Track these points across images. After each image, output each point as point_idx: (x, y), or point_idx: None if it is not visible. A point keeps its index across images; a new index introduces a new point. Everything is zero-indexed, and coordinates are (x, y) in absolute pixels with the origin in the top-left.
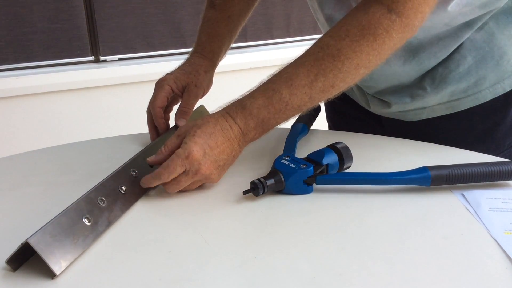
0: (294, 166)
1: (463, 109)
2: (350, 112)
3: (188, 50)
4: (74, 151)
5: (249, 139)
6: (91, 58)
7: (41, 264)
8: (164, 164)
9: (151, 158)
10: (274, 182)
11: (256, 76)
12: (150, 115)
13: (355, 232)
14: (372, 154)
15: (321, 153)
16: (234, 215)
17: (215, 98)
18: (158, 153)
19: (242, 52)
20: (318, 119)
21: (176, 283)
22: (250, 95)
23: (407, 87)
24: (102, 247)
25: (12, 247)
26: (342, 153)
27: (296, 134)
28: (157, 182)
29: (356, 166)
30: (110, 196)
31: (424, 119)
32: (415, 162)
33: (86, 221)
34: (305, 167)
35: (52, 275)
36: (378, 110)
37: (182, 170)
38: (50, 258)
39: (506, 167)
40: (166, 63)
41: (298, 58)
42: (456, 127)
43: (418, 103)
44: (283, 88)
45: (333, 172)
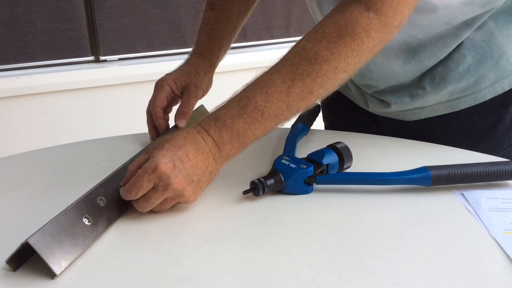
0: (294, 166)
1: (462, 108)
2: (347, 112)
3: (188, 50)
4: (74, 151)
5: (225, 154)
6: (91, 58)
7: (41, 264)
8: (131, 180)
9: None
10: (274, 182)
11: None
12: (150, 115)
13: (355, 232)
14: (372, 154)
15: (321, 153)
16: (234, 215)
17: (215, 98)
18: (127, 171)
19: (242, 52)
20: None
21: (176, 283)
22: (223, 106)
23: (407, 86)
24: (102, 247)
25: (12, 247)
26: (342, 153)
27: (296, 134)
28: (127, 199)
29: (356, 166)
30: (110, 196)
31: (422, 119)
32: (415, 162)
33: (86, 221)
34: (305, 167)
35: (52, 275)
36: (377, 110)
37: (151, 186)
38: (50, 258)
39: (506, 167)
40: (166, 63)
41: (274, 65)
42: (455, 126)
43: (418, 103)
44: (258, 95)
45: (333, 172)
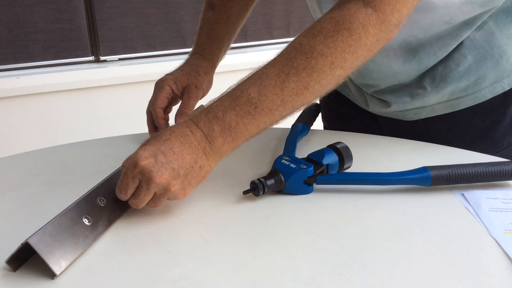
0: (294, 166)
1: (462, 108)
2: (346, 112)
3: (188, 50)
4: (74, 151)
5: (217, 149)
6: (91, 58)
7: (41, 264)
8: (119, 180)
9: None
10: (274, 182)
11: None
12: (150, 115)
13: (355, 232)
14: (372, 154)
15: (321, 153)
16: (234, 215)
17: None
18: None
19: (242, 52)
20: None
21: (176, 283)
22: (216, 99)
23: (407, 86)
24: (102, 247)
25: (12, 247)
26: (342, 153)
27: (296, 134)
28: (121, 199)
29: (356, 166)
30: (110, 196)
31: (422, 119)
32: (415, 162)
33: (86, 221)
34: (305, 167)
35: (52, 275)
36: (377, 109)
37: (137, 182)
38: (50, 258)
39: (506, 167)
40: (166, 63)
41: (270, 60)
42: (455, 126)
43: (418, 102)
44: (251, 88)
45: (333, 172)
